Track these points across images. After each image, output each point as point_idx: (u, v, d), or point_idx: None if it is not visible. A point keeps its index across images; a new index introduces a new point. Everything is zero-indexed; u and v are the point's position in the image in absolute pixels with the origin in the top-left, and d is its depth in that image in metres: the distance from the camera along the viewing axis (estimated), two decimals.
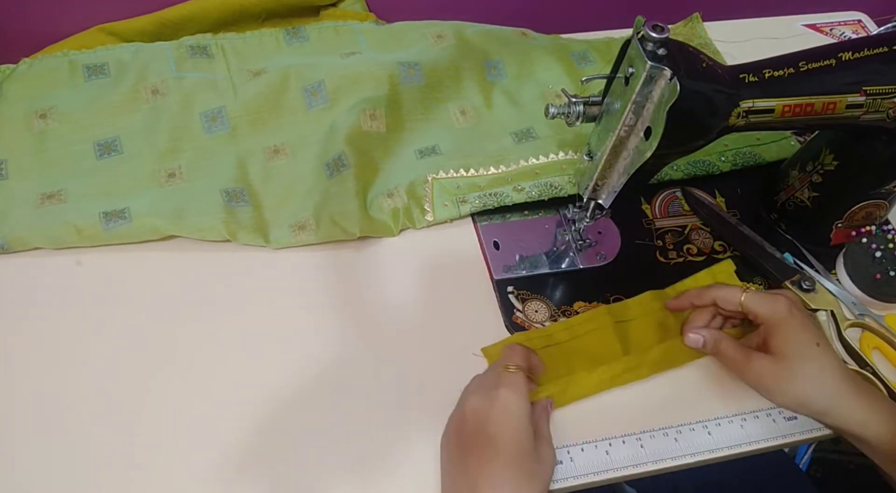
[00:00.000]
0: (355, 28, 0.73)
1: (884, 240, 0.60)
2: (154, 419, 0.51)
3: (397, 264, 0.60)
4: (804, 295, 0.58)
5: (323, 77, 0.67)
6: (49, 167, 0.62)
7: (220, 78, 0.68)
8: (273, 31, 0.72)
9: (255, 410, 0.51)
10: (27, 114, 0.64)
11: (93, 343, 0.54)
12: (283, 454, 0.50)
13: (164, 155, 0.63)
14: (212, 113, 0.66)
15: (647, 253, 0.63)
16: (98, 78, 0.67)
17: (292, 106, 0.67)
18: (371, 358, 0.54)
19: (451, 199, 0.63)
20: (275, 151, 0.65)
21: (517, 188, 0.63)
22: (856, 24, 0.85)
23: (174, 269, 0.58)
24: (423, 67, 0.69)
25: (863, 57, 0.50)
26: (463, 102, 0.70)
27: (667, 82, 0.44)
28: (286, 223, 0.60)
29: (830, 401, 0.47)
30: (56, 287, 0.56)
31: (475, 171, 0.64)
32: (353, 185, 0.61)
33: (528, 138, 0.68)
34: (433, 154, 0.66)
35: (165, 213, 0.58)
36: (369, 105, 0.65)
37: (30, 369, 0.52)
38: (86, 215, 0.58)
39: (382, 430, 0.51)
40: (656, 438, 0.52)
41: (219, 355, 0.54)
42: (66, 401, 0.51)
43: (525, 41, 0.75)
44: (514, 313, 0.58)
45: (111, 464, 0.49)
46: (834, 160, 0.58)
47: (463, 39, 0.73)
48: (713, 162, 0.67)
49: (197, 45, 0.70)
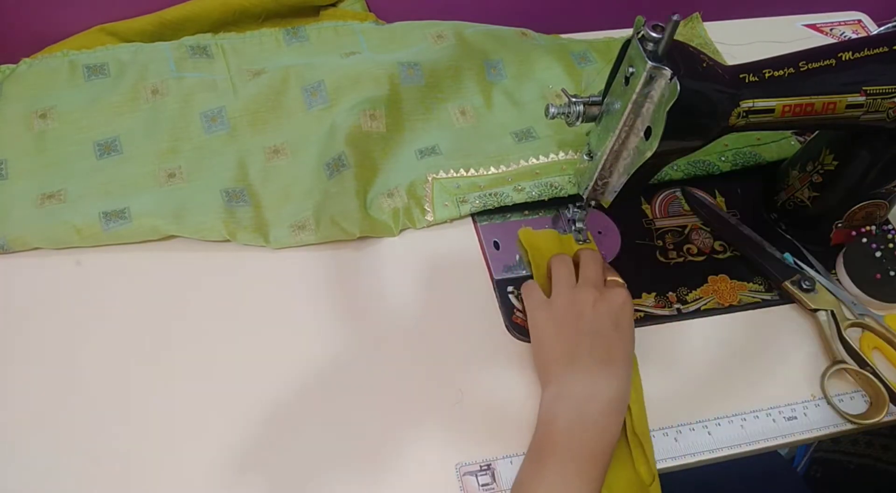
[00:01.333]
0: (355, 28, 0.73)
1: (884, 240, 0.60)
2: (154, 419, 0.51)
3: (397, 264, 0.60)
4: (804, 295, 0.58)
5: (323, 77, 0.67)
6: (49, 167, 0.62)
7: (219, 78, 0.68)
8: (273, 31, 0.72)
9: (256, 409, 0.51)
10: (27, 114, 0.64)
11: (93, 343, 0.54)
12: (282, 454, 0.50)
13: (164, 155, 0.63)
14: (212, 113, 0.66)
15: (647, 253, 0.63)
16: (98, 78, 0.67)
17: (292, 106, 0.67)
18: (371, 358, 0.54)
19: (451, 199, 0.63)
20: (274, 151, 0.65)
21: (517, 188, 0.63)
22: (856, 24, 0.85)
23: (174, 269, 0.58)
24: (424, 67, 0.69)
25: (863, 57, 0.50)
26: (463, 101, 0.70)
27: (667, 82, 0.44)
28: (286, 223, 0.60)
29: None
30: (56, 287, 0.56)
31: (475, 171, 0.64)
32: (353, 185, 0.61)
33: (529, 138, 0.68)
34: (433, 154, 0.66)
35: (165, 213, 0.58)
36: (369, 105, 0.65)
37: (30, 369, 0.52)
38: (85, 215, 0.58)
39: (382, 430, 0.51)
40: (656, 438, 0.52)
41: (219, 354, 0.54)
42: (66, 401, 0.51)
43: (525, 41, 0.75)
44: (515, 313, 0.58)
45: (111, 463, 0.49)
46: (834, 160, 0.58)
47: (462, 39, 0.73)
48: (713, 162, 0.67)
49: (197, 46, 0.70)
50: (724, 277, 0.62)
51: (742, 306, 0.60)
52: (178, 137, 0.64)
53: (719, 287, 0.61)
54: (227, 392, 0.52)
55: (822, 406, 0.55)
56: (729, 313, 0.60)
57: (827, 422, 0.54)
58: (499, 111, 0.71)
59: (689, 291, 0.61)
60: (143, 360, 0.53)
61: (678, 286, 0.61)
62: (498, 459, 0.51)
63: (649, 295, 0.60)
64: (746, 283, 0.61)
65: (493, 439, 0.51)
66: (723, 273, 0.62)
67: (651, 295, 0.60)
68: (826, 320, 0.57)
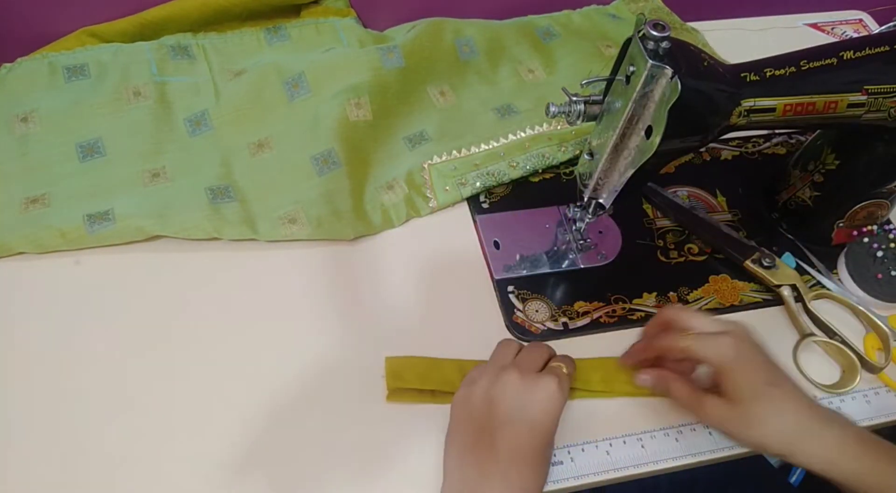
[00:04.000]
0: (336, 25, 0.74)
1: (885, 239, 0.60)
2: (153, 418, 0.50)
3: (397, 264, 0.60)
4: (765, 272, 0.59)
5: (303, 68, 0.67)
6: (32, 171, 0.61)
7: (201, 81, 0.68)
8: (254, 31, 0.72)
9: (255, 409, 0.51)
10: (8, 118, 0.63)
11: (91, 342, 0.53)
12: (279, 453, 0.50)
13: (148, 156, 0.62)
14: (195, 117, 0.65)
15: (648, 253, 0.63)
16: (78, 79, 0.66)
17: (274, 100, 0.67)
18: (371, 358, 0.54)
19: (451, 182, 0.64)
20: (259, 146, 0.65)
21: (511, 164, 0.65)
22: (857, 24, 0.85)
23: (174, 268, 0.58)
24: (402, 49, 0.69)
25: (864, 56, 0.49)
26: (441, 82, 0.71)
27: (668, 81, 0.44)
28: (274, 214, 0.60)
29: (791, 442, 0.45)
30: (54, 287, 0.56)
31: (467, 150, 0.66)
32: (346, 184, 0.61)
33: (510, 113, 0.70)
34: (423, 141, 0.66)
35: (149, 213, 0.58)
36: (353, 94, 0.65)
37: (29, 368, 0.52)
38: (69, 219, 0.57)
39: (381, 429, 0.51)
40: (657, 438, 0.52)
41: (219, 353, 0.54)
42: (66, 401, 0.51)
43: (493, 22, 0.77)
44: (515, 313, 0.58)
45: (109, 462, 0.48)
46: (835, 160, 0.58)
47: (433, 22, 0.73)
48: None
49: (178, 46, 0.69)
50: (726, 276, 0.62)
51: (743, 306, 0.60)
52: (162, 138, 0.64)
53: (720, 287, 0.61)
54: (227, 392, 0.52)
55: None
56: (730, 312, 0.60)
57: None
58: (476, 90, 0.72)
59: (691, 290, 0.61)
60: (142, 360, 0.53)
61: (679, 286, 0.61)
62: None
63: (650, 295, 0.60)
64: (748, 282, 0.61)
65: None
66: (724, 273, 0.62)
67: (652, 295, 0.60)
68: (789, 294, 0.58)
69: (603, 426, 0.52)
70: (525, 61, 0.75)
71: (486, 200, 0.65)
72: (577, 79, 0.52)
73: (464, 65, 0.72)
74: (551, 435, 0.46)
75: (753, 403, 0.45)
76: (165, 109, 0.65)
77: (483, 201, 0.64)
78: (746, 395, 0.45)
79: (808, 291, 0.59)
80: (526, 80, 0.73)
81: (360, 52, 0.69)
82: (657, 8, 0.81)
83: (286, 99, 0.67)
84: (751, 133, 0.72)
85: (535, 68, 0.74)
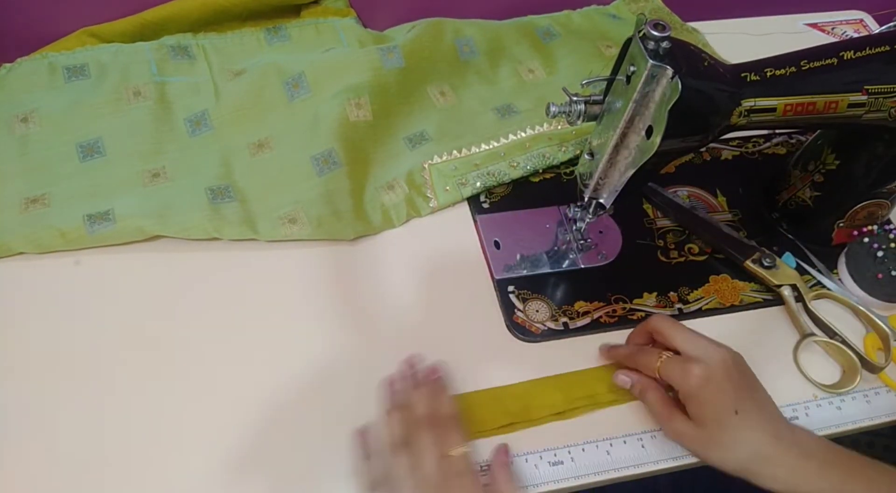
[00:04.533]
0: (336, 25, 0.74)
1: (886, 239, 0.60)
2: (153, 418, 0.50)
3: (398, 264, 0.60)
4: (766, 272, 0.59)
5: (303, 68, 0.67)
6: (32, 171, 0.61)
7: (201, 81, 0.68)
8: (254, 31, 0.72)
9: (254, 408, 0.51)
10: (9, 118, 0.63)
11: (91, 342, 0.53)
12: (279, 453, 0.50)
13: (148, 156, 0.62)
14: (195, 117, 0.65)
15: (648, 253, 0.63)
16: (78, 79, 0.66)
17: (274, 100, 0.67)
18: (371, 358, 0.54)
19: (451, 182, 0.64)
20: (259, 146, 0.65)
21: (512, 164, 0.65)
22: (857, 24, 0.85)
23: (174, 268, 0.58)
24: (402, 49, 0.69)
25: (864, 56, 0.49)
26: (441, 82, 0.71)
27: (668, 81, 0.44)
28: (274, 214, 0.60)
29: (747, 469, 0.46)
30: (54, 287, 0.56)
31: (468, 150, 0.66)
32: (346, 184, 0.61)
33: (510, 113, 0.70)
34: (423, 141, 0.66)
35: (149, 213, 0.58)
36: (353, 94, 0.65)
37: (29, 368, 0.52)
38: (70, 219, 0.57)
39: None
40: (658, 438, 0.52)
41: (217, 352, 0.54)
42: (65, 400, 0.51)
43: (493, 22, 0.77)
44: (515, 313, 0.58)
45: (108, 463, 0.48)
46: (836, 159, 0.58)
47: (433, 22, 0.73)
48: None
49: (178, 46, 0.69)
50: (726, 276, 0.62)
51: (743, 306, 0.60)
52: (162, 138, 0.64)
53: (721, 287, 0.61)
54: (227, 391, 0.52)
55: (823, 406, 0.55)
56: (730, 312, 0.60)
57: (828, 422, 0.54)
58: (476, 90, 0.72)
59: (691, 290, 0.61)
60: (142, 360, 0.53)
61: (679, 286, 0.61)
62: None
63: (650, 295, 0.60)
64: (748, 282, 0.61)
65: (492, 439, 0.51)
66: (724, 273, 0.62)
67: (652, 295, 0.60)
68: (789, 294, 0.58)
69: (603, 426, 0.52)
70: (525, 61, 0.75)
71: (486, 200, 0.65)
72: (577, 79, 0.52)
73: (464, 65, 0.72)
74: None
75: (715, 429, 0.47)
76: (165, 109, 0.65)
77: (483, 201, 0.65)
78: (709, 421, 0.47)
79: (808, 291, 0.59)
80: (526, 80, 0.73)
81: (360, 53, 0.69)
82: (657, 8, 0.81)
83: (286, 99, 0.67)
84: (751, 133, 0.72)
85: (536, 68, 0.74)
